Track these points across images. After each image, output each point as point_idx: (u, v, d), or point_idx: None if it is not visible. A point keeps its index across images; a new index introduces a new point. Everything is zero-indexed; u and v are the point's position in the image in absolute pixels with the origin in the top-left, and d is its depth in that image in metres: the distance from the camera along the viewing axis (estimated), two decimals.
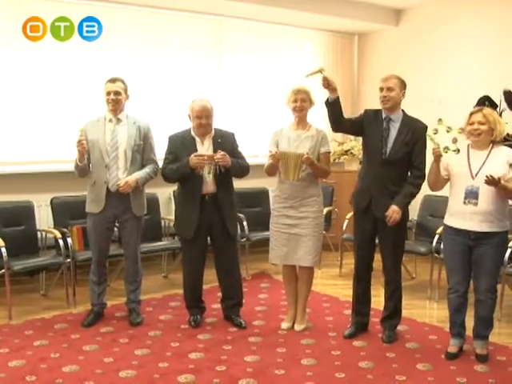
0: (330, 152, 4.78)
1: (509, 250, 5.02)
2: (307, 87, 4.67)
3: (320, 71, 4.45)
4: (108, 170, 4.72)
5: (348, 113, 4.61)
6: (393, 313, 4.64)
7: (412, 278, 6.48)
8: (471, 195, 4.03)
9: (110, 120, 4.80)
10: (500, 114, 6.39)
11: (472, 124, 4.09)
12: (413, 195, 4.44)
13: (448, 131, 4.02)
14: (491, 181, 3.84)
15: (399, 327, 4.77)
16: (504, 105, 6.42)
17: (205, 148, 4.68)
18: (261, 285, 6.21)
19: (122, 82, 4.80)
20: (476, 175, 4.04)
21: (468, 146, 4.21)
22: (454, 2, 7.18)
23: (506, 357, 4.31)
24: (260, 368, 4.06)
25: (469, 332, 4.34)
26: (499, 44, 6.78)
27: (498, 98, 6.41)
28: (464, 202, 4.06)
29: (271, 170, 4.67)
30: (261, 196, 7.11)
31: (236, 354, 4.31)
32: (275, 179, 4.73)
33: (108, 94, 4.75)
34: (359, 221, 4.63)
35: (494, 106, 6.40)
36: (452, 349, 4.30)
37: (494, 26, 6.82)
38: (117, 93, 4.73)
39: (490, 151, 4.08)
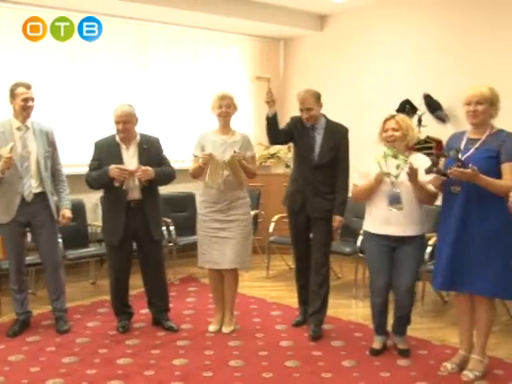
0: (255, 155, 4.94)
1: (429, 248, 5.21)
2: (231, 93, 4.76)
3: (268, 80, 4.65)
4: (22, 181, 4.63)
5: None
6: (320, 307, 4.79)
7: (338, 277, 6.63)
8: (395, 200, 4.12)
9: (19, 128, 4.66)
10: (420, 118, 6.62)
11: (386, 131, 4.22)
12: (346, 200, 4.70)
13: (395, 158, 4.11)
14: (414, 172, 3.95)
15: (325, 326, 4.89)
16: (424, 108, 6.64)
17: (130, 154, 4.68)
18: (188, 288, 6.23)
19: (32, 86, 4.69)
20: (396, 180, 4.10)
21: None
22: (376, 8, 7.33)
23: (427, 351, 4.48)
24: (188, 371, 4.09)
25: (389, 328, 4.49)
26: (419, 50, 6.97)
27: (419, 101, 6.63)
28: (389, 208, 4.14)
29: (197, 173, 4.70)
30: (188, 200, 7.09)
31: (164, 357, 4.32)
32: (201, 184, 4.77)
33: (25, 100, 4.60)
34: (293, 220, 4.88)
35: (414, 109, 6.62)
36: (376, 345, 4.44)
37: (414, 32, 7.02)
38: (33, 99, 4.64)
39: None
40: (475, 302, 3.99)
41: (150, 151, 4.72)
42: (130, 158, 4.66)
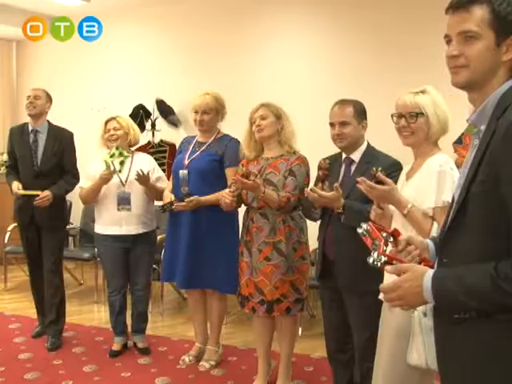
0: None
1: None
2: None
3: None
4: None
5: (9, 124, 4.62)
6: (56, 318, 4.70)
7: (80, 284, 6.58)
8: (124, 201, 4.28)
9: None
10: (153, 122, 6.82)
11: (108, 131, 4.36)
12: (67, 192, 4.73)
13: (121, 155, 4.26)
14: (142, 176, 4.11)
15: (67, 334, 4.86)
16: (157, 113, 6.84)
17: None
18: None
19: None
20: (126, 182, 4.31)
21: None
22: (109, 13, 7.13)
23: (167, 347, 4.68)
24: None
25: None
26: (152, 54, 7.13)
27: (152, 106, 6.82)
28: (118, 209, 4.30)
29: None
30: None
31: None
32: None
33: None
34: (26, 233, 4.74)
35: (148, 114, 6.80)
36: (116, 346, 4.52)
37: (148, 37, 7.16)
38: None
39: (132, 158, 4.41)
40: (207, 296, 4.26)
41: None
42: None
